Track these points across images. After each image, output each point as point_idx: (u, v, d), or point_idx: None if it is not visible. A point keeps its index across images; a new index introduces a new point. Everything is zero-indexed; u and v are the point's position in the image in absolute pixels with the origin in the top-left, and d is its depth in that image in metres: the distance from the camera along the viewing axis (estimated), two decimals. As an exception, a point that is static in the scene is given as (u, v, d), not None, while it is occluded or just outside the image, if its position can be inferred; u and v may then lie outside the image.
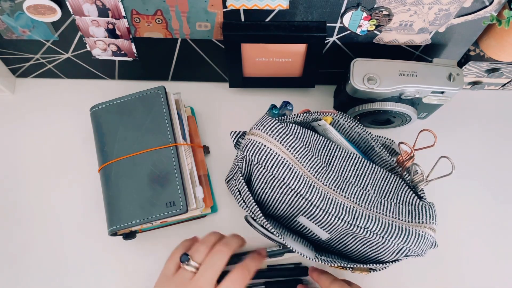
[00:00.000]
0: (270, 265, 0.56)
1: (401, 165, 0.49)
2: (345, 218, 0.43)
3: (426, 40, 0.55)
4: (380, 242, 0.43)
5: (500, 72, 0.59)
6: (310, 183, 0.44)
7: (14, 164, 0.61)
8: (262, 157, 0.44)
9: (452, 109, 0.65)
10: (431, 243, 0.44)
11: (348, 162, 0.48)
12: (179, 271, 0.45)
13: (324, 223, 0.45)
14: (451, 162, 0.44)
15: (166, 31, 0.54)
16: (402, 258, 0.45)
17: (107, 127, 0.55)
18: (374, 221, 0.43)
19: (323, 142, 0.49)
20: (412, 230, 0.43)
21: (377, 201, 0.45)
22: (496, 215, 0.60)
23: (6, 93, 0.64)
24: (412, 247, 0.43)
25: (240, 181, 0.48)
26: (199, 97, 0.65)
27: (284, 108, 0.49)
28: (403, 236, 0.43)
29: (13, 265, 0.57)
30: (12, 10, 0.50)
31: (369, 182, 0.47)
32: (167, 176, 0.52)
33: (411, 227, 0.44)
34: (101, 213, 0.56)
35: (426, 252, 0.44)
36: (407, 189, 0.48)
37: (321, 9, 0.50)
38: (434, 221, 0.44)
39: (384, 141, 0.51)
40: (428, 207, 0.46)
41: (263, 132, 0.45)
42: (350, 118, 0.50)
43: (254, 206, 0.46)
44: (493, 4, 0.48)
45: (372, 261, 0.48)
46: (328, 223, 0.45)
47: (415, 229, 0.43)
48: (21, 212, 0.59)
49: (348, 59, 0.54)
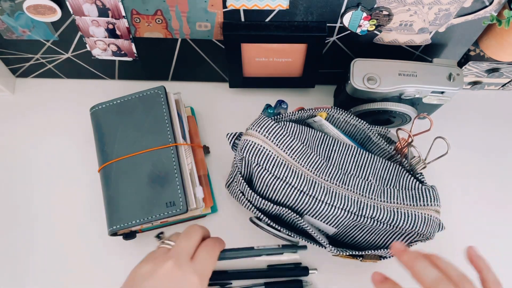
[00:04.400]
0: (270, 265, 0.56)
1: (399, 152, 0.49)
2: (351, 209, 0.44)
3: (426, 40, 0.55)
4: (388, 229, 0.44)
5: (500, 72, 0.59)
6: (312, 180, 0.44)
7: (14, 164, 0.61)
8: (262, 159, 0.44)
9: (452, 109, 0.65)
10: (437, 225, 0.45)
11: (347, 154, 0.49)
12: (156, 249, 0.45)
13: (330, 217, 0.45)
14: (446, 143, 0.45)
15: (166, 31, 0.54)
16: (412, 244, 0.46)
17: (107, 127, 0.55)
18: (380, 210, 0.44)
19: (321, 137, 0.49)
20: (418, 214, 0.44)
21: (380, 190, 0.46)
22: (496, 216, 0.60)
23: (6, 93, 0.64)
24: (420, 231, 0.44)
25: (241, 182, 0.48)
26: (199, 97, 0.65)
27: (279, 107, 0.49)
28: (410, 221, 0.44)
29: (12, 265, 0.57)
30: (12, 10, 0.50)
31: (369, 172, 0.48)
32: (167, 176, 0.52)
33: (416, 211, 0.44)
34: (101, 213, 0.55)
35: (434, 234, 0.45)
36: (407, 175, 0.48)
37: (321, 9, 0.50)
38: (438, 202, 0.45)
39: (380, 130, 0.51)
40: (430, 189, 0.46)
41: (260, 133, 0.45)
42: (345, 112, 0.51)
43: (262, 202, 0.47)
44: (493, 4, 0.48)
45: (382, 247, 0.48)
46: (334, 217, 0.45)
47: (421, 212, 0.44)
48: (21, 212, 0.59)
49: (348, 59, 0.54)
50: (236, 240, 0.57)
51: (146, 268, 0.41)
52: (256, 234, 0.57)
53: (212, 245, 0.44)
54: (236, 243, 0.57)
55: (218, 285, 0.55)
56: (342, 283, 0.56)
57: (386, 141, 0.52)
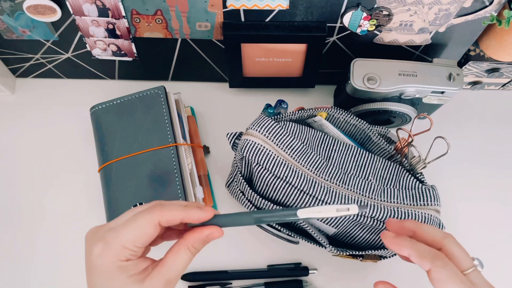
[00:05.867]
0: (270, 265, 0.56)
1: (399, 151, 0.49)
2: None
3: (426, 40, 0.55)
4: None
5: (500, 72, 0.59)
6: (312, 180, 0.44)
7: (14, 164, 0.61)
8: (262, 158, 0.44)
9: (452, 109, 0.65)
10: (437, 224, 0.45)
11: (347, 154, 0.49)
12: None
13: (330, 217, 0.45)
14: (446, 143, 0.45)
15: (166, 31, 0.54)
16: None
17: (107, 127, 0.55)
18: (380, 209, 0.44)
19: (321, 137, 0.50)
20: (417, 214, 0.44)
21: (380, 189, 0.46)
22: (496, 216, 0.60)
23: (6, 93, 0.64)
24: None
25: (241, 182, 0.48)
26: (199, 97, 0.65)
27: (279, 106, 0.50)
28: None
29: (12, 265, 0.57)
30: (12, 10, 0.50)
31: (370, 172, 0.48)
32: (167, 176, 0.52)
33: (416, 211, 0.44)
34: (101, 213, 0.56)
35: None
36: (407, 175, 0.48)
37: (321, 9, 0.50)
38: (438, 202, 0.45)
39: (380, 130, 0.51)
40: (430, 189, 0.46)
41: (260, 133, 0.45)
42: (345, 112, 0.51)
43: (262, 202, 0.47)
44: (493, 4, 0.48)
45: (382, 247, 0.48)
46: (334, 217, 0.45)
47: (421, 212, 0.44)
48: (21, 212, 0.59)
49: (348, 59, 0.54)
50: (236, 240, 0.58)
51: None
52: (256, 234, 0.57)
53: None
54: (236, 242, 0.57)
55: (218, 285, 0.55)
56: (342, 283, 0.56)
57: (386, 141, 0.52)
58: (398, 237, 0.39)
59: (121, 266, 0.33)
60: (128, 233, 0.32)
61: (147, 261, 0.34)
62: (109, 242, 0.32)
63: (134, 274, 0.33)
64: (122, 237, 0.32)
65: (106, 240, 0.33)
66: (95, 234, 0.34)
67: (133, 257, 0.33)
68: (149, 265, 0.34)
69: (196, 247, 0.35)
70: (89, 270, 0.34)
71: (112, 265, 0.32)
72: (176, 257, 0.34)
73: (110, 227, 0.33)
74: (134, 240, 0.33)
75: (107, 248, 0.32)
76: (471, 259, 0.37)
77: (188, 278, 0.55)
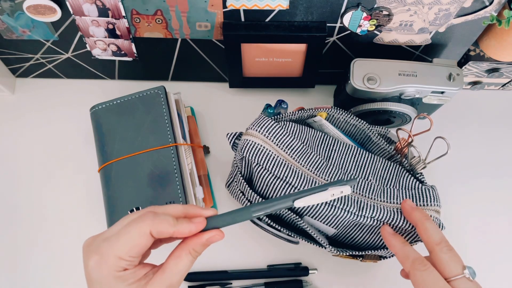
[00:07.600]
0: (270, 265, 0.56)
1: (399, 152, 0.49)
2: (351, 209, 0.44)
3: (426, 40, 0.55)
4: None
5: (500, 72, 0.59)
6: (312, 180, 0.44)
7: (14, 164, 0.61)
8: (262, 158, 0.44)
9: (452, 109, 0.65)
10: (437, 224, 0.45)
11: (347, 154, 0.49)
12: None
13: (330, 217, 0.45)
14: (446, 143, 0.45)
15: (166, 31, 0.54)
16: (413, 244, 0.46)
17: (107, 127, 0.55)
18: (380, 209, 0.44)
19: (321, 137, 0.50)
20: None
21: (380, 189, 0.46)
22: (496, 216, 0.60)
23: (6, 93, 0.64)
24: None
25: (241, 182, 0.48)
26: (199, 97, 0.65)
27: (279, 106, 0.50)
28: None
29: (12, 265, 0.57)
30: (12, 10, 0.50)
31: (369, 172, 0.48)
32: (167, 176, 0.52)
33: None
34: (101, 213, 0.56)
35: None
36: (407, 175, 0.48)
37: (321, 9, 0.50)
38: (438, 202, 0.45)
39: (380, 130, 0.51)
40: (430, 189, 0.46)
41: (260, 133, 0.45)
42: (345, 112, 0.51)
43: None
44: (493, 4, 0.48)
45: (381, 247, 0.48)
46: (334, 217, 0.45)
47: None
48: (21, 212, 0.59)
49: (348, 59, 0.54)
50: (236, 240, 0.58)
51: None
52: (256, 234, 0.57)
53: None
54: (236, 243, 0.57)
55: (218, 285, 0.55)
56: (342, 283, 0.56)
57: (386, 141, 0.52)
58: (393, 236, 0.43)
59: (119, 276, 0.32)
60: (122, 245, 0.32)
61: (146, 267, 0.34)
62: (103, 254, 0.32)
63: (133, 282, 0.33)
64: (117, 248, 0.32)
65: (101, 251, 0.32)
66: (90, 246, 0.34)
67: (130, 267, 0.33)
68: (149, 271, 0.34)
69: (197, 250, 0.35)
70: (88, 281, 0.34)
71: (109, 276, 0.32)
72: (178, 262, 0.34)
73: (105, 238, 0.33)
74: (129, 251, 0.32)
75: (103, 260, 0.32)
76: (462, 267, 0.38)
77: (188, 278, 0.55)
